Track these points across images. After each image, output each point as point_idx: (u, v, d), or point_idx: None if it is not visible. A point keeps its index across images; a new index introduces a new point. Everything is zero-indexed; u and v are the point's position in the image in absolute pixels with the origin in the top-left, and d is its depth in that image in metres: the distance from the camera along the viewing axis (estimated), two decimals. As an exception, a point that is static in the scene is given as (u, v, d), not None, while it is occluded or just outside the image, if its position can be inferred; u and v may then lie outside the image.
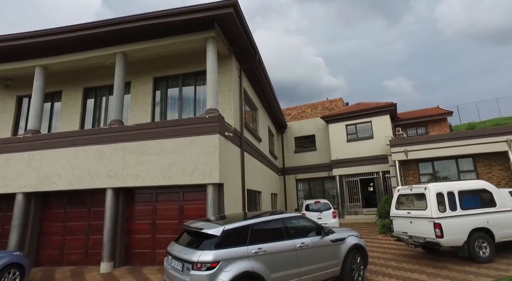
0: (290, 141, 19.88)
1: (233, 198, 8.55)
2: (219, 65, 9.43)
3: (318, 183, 18.80)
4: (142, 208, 8.31)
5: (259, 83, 12.83)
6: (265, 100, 14.81)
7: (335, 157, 16.93)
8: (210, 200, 7.45)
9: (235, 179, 8.94)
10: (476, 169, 11.49)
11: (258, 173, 12.41)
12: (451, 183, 7.41)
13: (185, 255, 4.30)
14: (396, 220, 7.77)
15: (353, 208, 16.64)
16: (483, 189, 7.29)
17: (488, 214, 6.95)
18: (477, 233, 6.71)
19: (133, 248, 8.05)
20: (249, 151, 11.08)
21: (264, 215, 5.33)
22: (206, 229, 4.48)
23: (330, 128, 17.47)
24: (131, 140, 8.14)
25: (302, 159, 19.20)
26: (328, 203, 12.51)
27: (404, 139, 12.86)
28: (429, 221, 6.70)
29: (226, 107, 9.33)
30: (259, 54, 10.44)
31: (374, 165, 15.75)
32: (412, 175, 12.50)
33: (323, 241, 5.27)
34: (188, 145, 7.79)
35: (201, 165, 7.59)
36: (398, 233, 7.65)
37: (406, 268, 6.53)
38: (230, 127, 8.90)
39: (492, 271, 5.99)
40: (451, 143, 11.40)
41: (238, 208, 9.00)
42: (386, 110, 16.07)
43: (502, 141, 10.66)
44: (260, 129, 13.90)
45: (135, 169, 7.93)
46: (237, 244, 4.42)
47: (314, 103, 21.15)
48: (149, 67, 10.17)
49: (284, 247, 4.77)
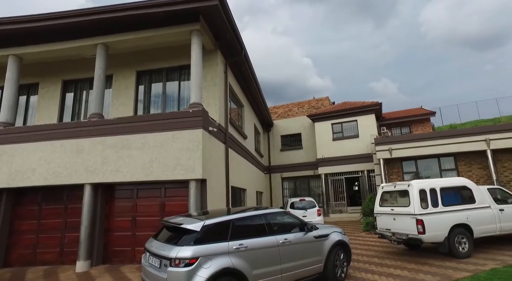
0: (276, 139, 19.84)
1: (217, 195, 8.39)
2: (204, 59, 9.24)
3: (304, 182, 18.83)
4: (122, 205, 8.03)
5: (245, 79, 12.69)
6: (251, 97, 14.68)
7: (321, 155, 16.98)
8: (192, 196, 7.27)
9: (219, 176, 8.78)
10: (457, 167, 11.74)
11: (243, 170, 12.28)
12: (433, 180, 7.49)
13: (163, 251, 4.13)
14: (379, 217, 7.80)
15: (338, 206, 16.73)
16: (463, 186, 7.40)
17: (468, 210, 7.06)
18: (457, 229, 6.80)
19: (112, 246, 7.76)
20: (234, 147, 10.93)
21: (247, 210, 5.20)
22: (185, 224, 4.32)
23: (316, 126, 17.52)
24: (111, 134, 7.84)
25: (288, 158, 19.19)
26: (313, 201, 12.51)
27: (388, 138, 13.01)
28: (411, 217, 6.74)
29: (211, 102, 9.15)
30: (245, 49, 10.30)
31: (359, 164, 15.89)
32: (396, 174, 12.66)
33: (306, 237, 5.19)
34: (171, 140, 7.57)
35: (184, 160, 7.40)
36: (382, 230, 7.68)
37: (389, 264, 6.54)
38: (215, 123, 8.73)
39: (471, 265, 6.07)
40: (433, 142, 11.61)
41: (222, 205, 8.84)
42: (372, 109, 16.24)
43: (481, 140, 10.92)
44: (245, 126, 13.77)
45: (115, 164, 7.65)
46: (217, 240, 4.28)
47: (301, 102, 21.18)
48: (132, 60, 9.87)
49: (266, 243, 4.66)
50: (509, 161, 11.00)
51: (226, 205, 9.19)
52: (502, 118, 21.42)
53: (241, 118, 13.54)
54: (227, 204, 9.23)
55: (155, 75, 10.00)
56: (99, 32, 8.52)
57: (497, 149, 10.84)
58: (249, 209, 5.32)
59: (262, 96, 15.29)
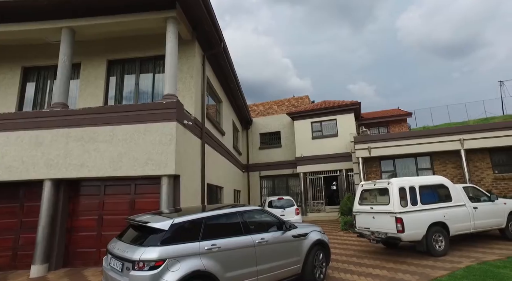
0: (255, 137, 19.54)
1: (191, 192, 7.96)
2: (180, 50, 8.77)
3: (282, 181, 18.66)
4: (88, 202, 7.41)
5: (224, 74, 12.29)
6: (230, 93, 14.29)
7: (300, 154, 16.86)
8: (164, 193, 6.81)
9: (194, 172, 8.35)
10: (433, 167, 11.96)
11: (220, 168, 11.88)
12: (412, 178, 7.46)
13: (125, 253, 3.69)
14: (359, 215, 7.67)
15: (316, 205, 16.68)
16: (441, 185, 7.41)
17: (445, 208, 7.06)
18: (435, 227, 6.77)
19: (75, 247, 7.14)
20: (211, 143, 10.51)
21: (222, 208, 4.84)
22: (152, 223, 3.90)
23: (296, 124, 17.39)
24: (76, 126, 7.21)
25: (267, 156, 18.95)
26: (291, 200, 12.31)
27: (367, 136, 13.06)
28: (391, 216, 6.63)
29: (187, 95, 8.70)
30: (224, 41, 9.91)
31: (337, 163, 15.89)
32: (374, 172, 12.72)
33: (284, 237, 4.90)
34: (142, 133, 7.06)
35: (156, 154, 6.92)
36: (361, 229, 7.55)
37: (368, 264, 6.39)
38: (190, 116, 8.29)
39: (447, 263, 6.04)
40: (411, 141, 11.75)
41: (197, 203, 8.42)
42: (351, 108, 16.30)
43: (456, 140, 11.17)
44: (224, 122, 13.37)
45: (80, 158, 7.03)
46: (188, 240, 3.90)
47: (281, 100, 21.00)
48: (103, 48, 9.21)
49: (241, 243, 4.32)
50: (480, 161, 11.32)
51: (201, 203, 8.78)
52: (470, 121, 22.64)
53: (219, 114, 13.12)
54: (202, 201, 8.82)
55: (128, 65, 9.40)
56: (65, 14, 7.82)
57: (470, 149, 11.12)
58: (224, 207, 4.97)
59: (241, 92, 14.93)
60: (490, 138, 10.78)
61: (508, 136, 10.56)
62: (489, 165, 11.21)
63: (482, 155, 11.32)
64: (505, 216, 7.81)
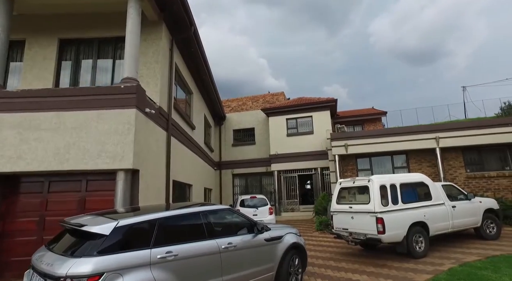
0: (228, 134, 18.77)
1: (154, 189, 7.10)
2: (145, 32, 7.87)
3: (256, 179, 18.05)
4: (27, 201, 6.30)
5: (195, 63, 11.43)
6: (202, 85, 13.43)
7: (274, 151, 16.32)
8: (120, 190, 5.92)
9: (158, 167, 7.48)
10: (408, 165, 11.84)
11: (189, 164, 11.02)
12: (393, 176, 7.10)
13: (50, 267, 2.86)
14: (336, 215, 7.16)
15: (290, 205, 16.23)
16: (421, 182, 7.09)
17: (425, 207, 6.73)
18: (415, 228, 6.40)
19: (8, 255, 6.01)
20: (179, 137, 9.64)
21: (184, 207, 4.10)
22: (89, 226, 3.08)
23: (271, 121, 16.82)
24: (12, 111, 6.09)
25: (240, 153, 18.25)
26: (264, 199, 11.72)
27: (344, 133, 12.73)
28: (371, 215, 6.17)
29: (151, 81, 7.80)
30: (195, 25, 9.08)
31: (312, 161, 15.52)
32: (350, 171, 12.41)
33: (255, 241, 4.24)
34: (95, 121, 6.10)
35: (111, 146, 5.99)
36: (338, 230, 7.05)
37: (346, 268, 5.88)
38: (154, 105, 7.40)
39: (429, 266, 5.69)
40: (388, 139, 11.55)
41: (160, 202, 7.56)
42: (327, 105, 15.99)
43: (432, 138, 11.09)
44: (194, 116, 12.49)
45: (16, 149, 5.94)
46: (136, 247, 3.14)
47: (256, 96, 20.40)
48: (54, 24, 8.05)
49: (204, 249, 3.61)
50: (454, 160, 11.34)
51: (166, 202, 7.92)
52: (436, 124, 23.36)
53: (190, 107, 12.24)
54: (166, 200, 7.96)
55: (85, 45, 8.31)
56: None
57: (445, 147, 11.09)
58: (187, 206, 4.23)
59: (214, 85, 14.12)
60: (464, 136, 10.79)
61: (480, 135, 10.61)
62: (462, 163, 11.25)
63: (456, 154, 11.35)
64: (480, 215, 7.65)
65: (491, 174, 10.77)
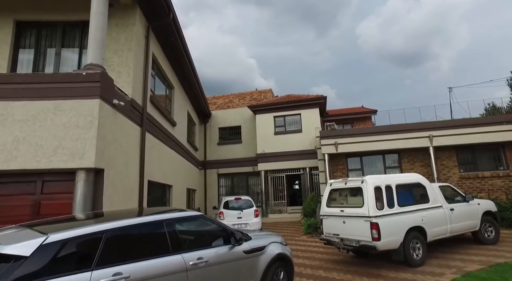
0: (213, 132, 17.97)
1: (123, 191, 6.31)
2: (117, 16, 7.10)
3: (242, 179, 17.33)
4: (-30, 206, 5.41)
5: (176, 55, 10.64)
6: (184, 79, 12.63)
7: (261, 150, 15.64)
8: (79, 193, 5.14)
9: (128, 166, 6.67)
10: (400, 165, 11.35)
11: (168, 163, 10.21)
12: (388, 176, 6.52)
13: None
14: (326, 219, 6.52)
15: (277, 206, 15.58)
16: (417, 183, 6.53)
17: (422, 210, 6.16)
18: (412, 233, 5.82)
19: None
20: (157, 134, 8.84)
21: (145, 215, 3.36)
22: (3, 245, 2.30)
23: (258, 119, 16.13)
24: (-50, 99, 5.20)
25: (226, 152, 17.48)
26: (250, 201, 11.01)
27: (335, 131, 12.12)
28: (365, 220, 5.56)
29: (123, 71, 7.00)
30: (174, 12, 8.30)
31: (301, 161, 14.92)
32: (340, 171, 11.83)
33: (232, 253, 3.53)
34: (51, 112, 5.28)
35: (69, 141, 5.18)
36: (328, 235, 6.40)
37: (337, 279, 5.24)
38: (125, 96, 6.60)
39: (428, 276, 5.12)
40: (380, 137, 11.02)
41: (132, 205, 6.77)
42: (316, 103, 15.40)
43: (425, 136, 10.63)
44: (176, 112, 11.68)
45: (-47, 145, 5.05)
46: (70, 270, 2.38)
47: (242, 93, 19.67)
48: (9, 4, 7.14)
49: (166, 267, 2.88)
50: (447, 159, 10.92)
51: (139, 205, 7.12)
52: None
53: (170, 102, 11.43)
54: (140, 203, 7.16)
55: (46, 29, 7.43)
56: None
57: (438, 146, 10.65)
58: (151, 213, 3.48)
59: (198, 79, 13.33)
60: (458, 135, 10.36)
61: (474, 133, 10.20)
62: (455, 163, 10.84)
63: (449, 153, 10.92)
64: (479, 218, 7.16)
65: (485, 174, 10.38)
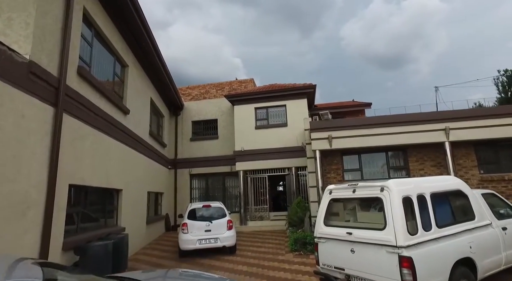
0: (186, 126, 15.56)
1: (8, 205, 3.92)
2: None
3: (218, 180, 15.00)
4: None
5: (128, 22, 8.27)
6: (145, 57, 10.24)
7: (240, 147, 13.37)
8: None
9: (22, 164, 4.28)
10: (407, 164, 9.28)
11: (115, 160, 7.81)
12: (418, 181, 4.40)
13: None
14: (324, 244, 4.34)
15: (258, 211, 13.37)
16: (457, 191, 4.45)
17: (468, 233, 4.10)
18: (459, 269, 3.74)
19: None
20: (92, 121, 6.46)
21: None
22: None
23: (236, 110, 13.84)
24: None
25: (200, 149, 15.11)
26: (222, 208, 8.77)
27: (328, 122, 9.88)
28: (389, 252, 3.42)
29: (16, 18, 4.64)
30: None
31: (286, 159, 12.76)
32: (334, 171, 9.65)
33: None
34: None
35: None
36: (327, 268, 4.22)
37: None
38: (16, 55, 4.22)
39: None
40: (383, 130, 8.84)
41: (27, 224, 4.39)
42: (304, 92, 13.25)
43: (440, 129, 8.60)
44: (131, 96, 9.29)
45: None
46: None
47: (221, 83, 17.38)
48: None
49: None
50: (464, 158, 8.98)
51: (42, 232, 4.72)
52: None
53: (123, 84, 9.02)
54: (45, 228, 4.76)
55: None
56: None
57: (455, 141, 8.66)
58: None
59: (162, 61, 10.98)
60: (481, 127, 8.35)
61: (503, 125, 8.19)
62: (475, 163, 8.89)
63: (467, 151, 8.96)
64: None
65: (511, 176, 8.54)
